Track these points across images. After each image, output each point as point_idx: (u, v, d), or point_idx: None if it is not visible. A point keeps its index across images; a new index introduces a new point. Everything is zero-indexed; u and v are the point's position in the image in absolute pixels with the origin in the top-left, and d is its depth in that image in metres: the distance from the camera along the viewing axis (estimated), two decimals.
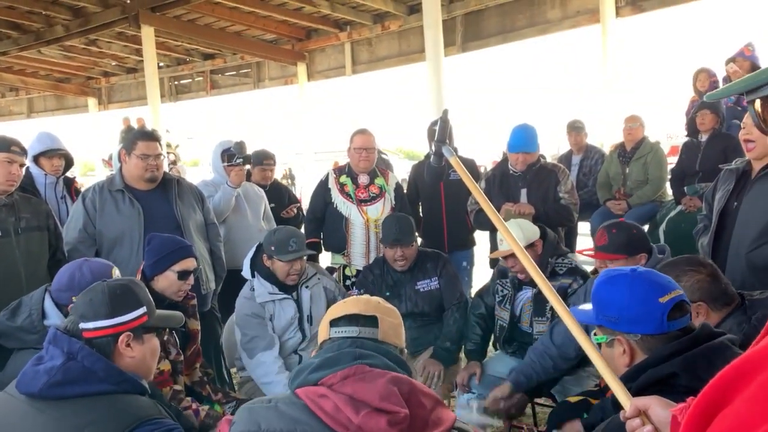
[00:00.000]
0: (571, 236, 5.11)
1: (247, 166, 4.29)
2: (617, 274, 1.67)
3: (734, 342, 1.54)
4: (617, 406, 1.37)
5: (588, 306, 1.77)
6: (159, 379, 2.49)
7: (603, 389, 2.77)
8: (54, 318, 2.24)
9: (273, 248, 3.21)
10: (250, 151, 4.38)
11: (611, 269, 1.76)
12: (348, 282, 4.09)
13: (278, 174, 5.21)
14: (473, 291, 4.36)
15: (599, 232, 2.72)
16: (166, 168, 3.75)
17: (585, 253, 2.81)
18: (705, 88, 6.46)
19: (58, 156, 4.13)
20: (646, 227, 5.49)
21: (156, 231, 3.14)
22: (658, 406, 1.27)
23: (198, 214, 3.68)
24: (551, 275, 3.15)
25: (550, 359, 2.88)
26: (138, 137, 3.53)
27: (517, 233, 3.12)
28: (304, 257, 3.31)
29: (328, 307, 3.29)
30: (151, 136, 3.57)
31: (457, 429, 1.39)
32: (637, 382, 1.53)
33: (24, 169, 3.65)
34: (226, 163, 4.16)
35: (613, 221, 2.83)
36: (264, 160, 5.04)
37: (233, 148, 4.14)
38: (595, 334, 1.72)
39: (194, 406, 2.60)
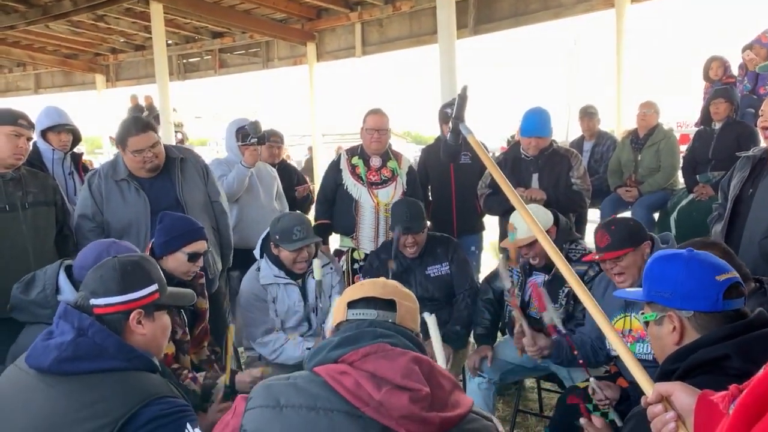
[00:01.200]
0: (580, 223, 5.07)
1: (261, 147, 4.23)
2: (673, 253, 1.64)
3: None
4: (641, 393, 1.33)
5: (634, 288, 1.74)
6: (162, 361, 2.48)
7: (613, 375, 2.76)
8: (68, 293, 2.22)
9: (278, 237, 3.18)
10: None
11: (666, 250, 1.73)
12: (356, 266, 4.07)
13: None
14: (481, 276, 4.33)
15: (598, 234, 2.68)
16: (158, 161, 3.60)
17: (594, 258, 2.75)
18: (719, 77, 6.39)
19: (65, 131, 4.09)
20: (656, 215, 5.45)
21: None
22: (681, 393, 1.24)
23: (201, 192, 3.53)
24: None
25: (591, 347, 2.86)
26: (127, 134, 3.27)
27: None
28: (312, 244, 3.27)
29: (331, 299, 3.30)
30: (143, 128, 3.29)
31: (475, 413, 1.37)
32: (687, 361, 1.49)
33: (31, 144, 3.63)
34: (240, 143, 4.10)
35: (606, 221, 2.80)
36: (271, 137, 5.00)
37: (248, 127, 4.07)
38: (642, 313, 1.69)
39: (190, 375, 2.59)
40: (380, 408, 1.27)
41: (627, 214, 5.31)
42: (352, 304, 1.50)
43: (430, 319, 2.18)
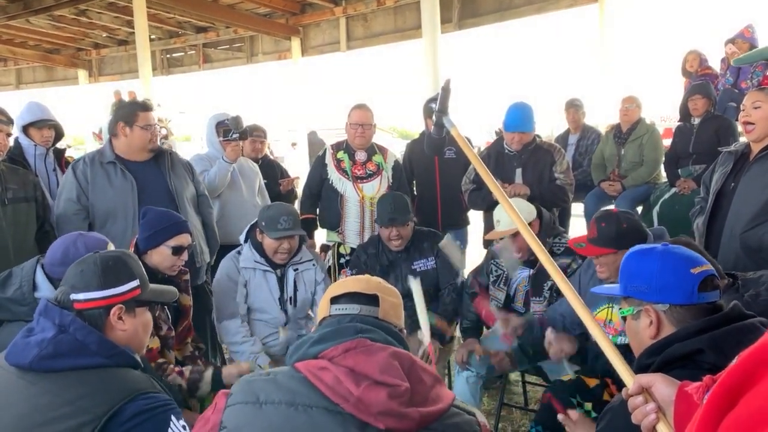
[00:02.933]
0: (564, 217, 5.10)
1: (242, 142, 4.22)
2: (648, 247, 1.65)
3: (765, 324, 1.52)
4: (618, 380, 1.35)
5: (612, 284, 1.75)
6: (147, 356, 2.46)
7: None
8: (45, 290, 2.20)
9: (264, 224, 3.19)
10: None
11: (641, 245, 1.73)
12: (342, 260, 4.06)
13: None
14: (467, 270, 4.35)
15: (590, 223, 2.69)
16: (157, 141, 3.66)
17: (574, 246, 2.75)
18: (694, 69, 6.47)
19: (47, 127, 4.05)
20: (639, 209, 5.49)
21: (150, 203, 3.09)
22: (662, 384, 1.25)
23: (190, 186, 3.61)
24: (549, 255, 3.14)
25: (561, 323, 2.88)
26: (137, 109, 3.44)
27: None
28: (296, 237, 3.27)
29: (314, 295, 3.30)
30: (149, 107, 3.49)
31: (457, 407, 1.38)
32: (662, 356, 1.50)
33: (13, 140, 3.59)
34: (221, 138, 4.09)
35: (604, 212, 2.76)
36: (254, 131, 4.98)
37: (229, 123, 4.06)
38: (620, 308, 1.70)
39: (177, 369, 2.58)
40: (359, 404, 1.27)
41: (611, 207, 5.34)
42: (335, 300, 1.50)
43: (415, 284, 2.17)
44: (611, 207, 4.70)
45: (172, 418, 1.54)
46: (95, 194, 3.33)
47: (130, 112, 3.40)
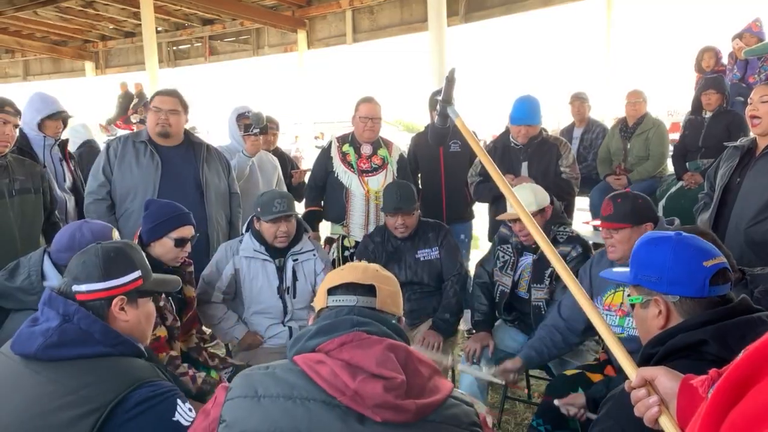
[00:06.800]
0: (568, 211, 5.08)
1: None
2: (661, 236, 1.62)
3: None
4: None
5: (622, 268, 1.73)
6: (155, 345, 2.47)
7: (602, 363, 2.77)
8: (53, 279, 2.22)
9: (259, 209, 3.21)
10: None
11: (654, 232, 1.72)
12: (346, 253, 4.07)
13: None
14: (471, 264, 4.34)
15: (605, 202, 2.69)
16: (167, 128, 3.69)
17: (591, 223, 2.77)
18: (710, 67, 6.40)
19: (61, 118, 4.09)
20: None
21: (175, 188, 3.28)
22: (664, 377, 1.25)
23: (222, 182, 3.72)
24: (552, 242, 3.13)
25: (559, 333, 2.85)
26: (157, 93, 3.68)
27: (529, 197, 3.11)
28: (293, 220, 3.28)
29: (314, 286, 3.30)
30: (170, 93, 3.65)
31: (455, 398, 1.38)
32: (666, 346, 1.50)
33: (17, 131, 3.61)
34: (242, 132, 4.15)
35: (618, 192, 2.78)
36: (267, 123, 4.99)
37: (251, 117, 4.11)
38: (629, 295, 1.69)
39: (191, 372, 2.58)
40: (355, 397, 1.27)
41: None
42: (332, 291, 1.50)
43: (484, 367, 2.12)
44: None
45: (178, 401, 1.56)
46: (120, 170, 3.49)
47: (153, 95, 3.69)
